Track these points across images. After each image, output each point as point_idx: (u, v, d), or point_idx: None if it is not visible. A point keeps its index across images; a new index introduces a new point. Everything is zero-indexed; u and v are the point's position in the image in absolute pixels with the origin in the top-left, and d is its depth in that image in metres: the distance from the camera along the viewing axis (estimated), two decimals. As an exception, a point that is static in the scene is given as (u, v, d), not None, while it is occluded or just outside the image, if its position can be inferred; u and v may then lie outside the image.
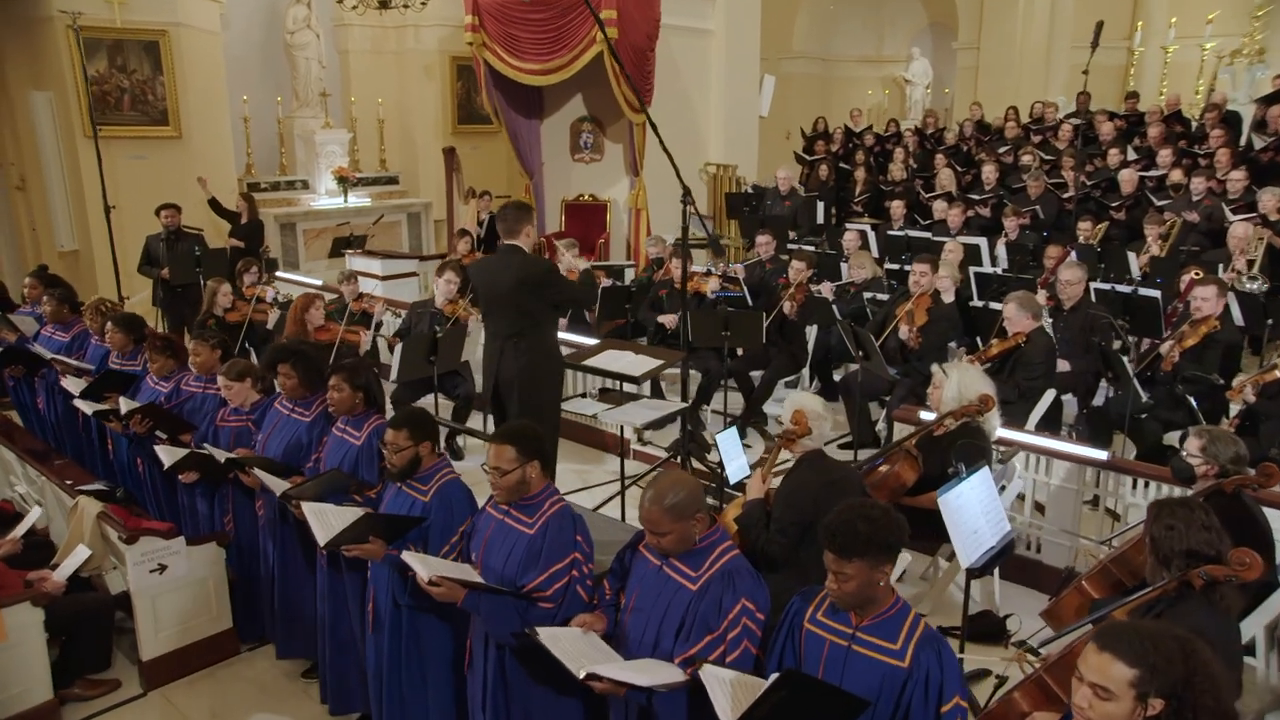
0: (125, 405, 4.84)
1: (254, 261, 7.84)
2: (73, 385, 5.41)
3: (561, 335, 5.74)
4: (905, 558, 3.61)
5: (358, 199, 12.71)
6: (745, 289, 7.09)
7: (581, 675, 2.59)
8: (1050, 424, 6.02)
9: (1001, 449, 4.27)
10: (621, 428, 5.26)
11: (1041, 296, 6.58)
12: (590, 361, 4.94)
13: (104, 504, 4.56)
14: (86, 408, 5.15)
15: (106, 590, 4.69)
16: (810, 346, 7.04)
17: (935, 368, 4.52)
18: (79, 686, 4.25)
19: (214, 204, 9.89)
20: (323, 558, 3.87)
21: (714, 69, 11.88)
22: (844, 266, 7.86)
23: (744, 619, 2.66)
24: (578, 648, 2.76)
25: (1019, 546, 4.94)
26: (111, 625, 4.48)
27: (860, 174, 11.61)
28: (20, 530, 4.65)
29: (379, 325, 7.18)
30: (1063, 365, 6.01)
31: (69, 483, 4.85)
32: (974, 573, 3.57)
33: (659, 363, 4.73)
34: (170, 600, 4.37)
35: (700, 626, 2.68)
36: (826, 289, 7.28)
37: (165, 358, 5.19)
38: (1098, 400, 6.20)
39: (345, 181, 12.49)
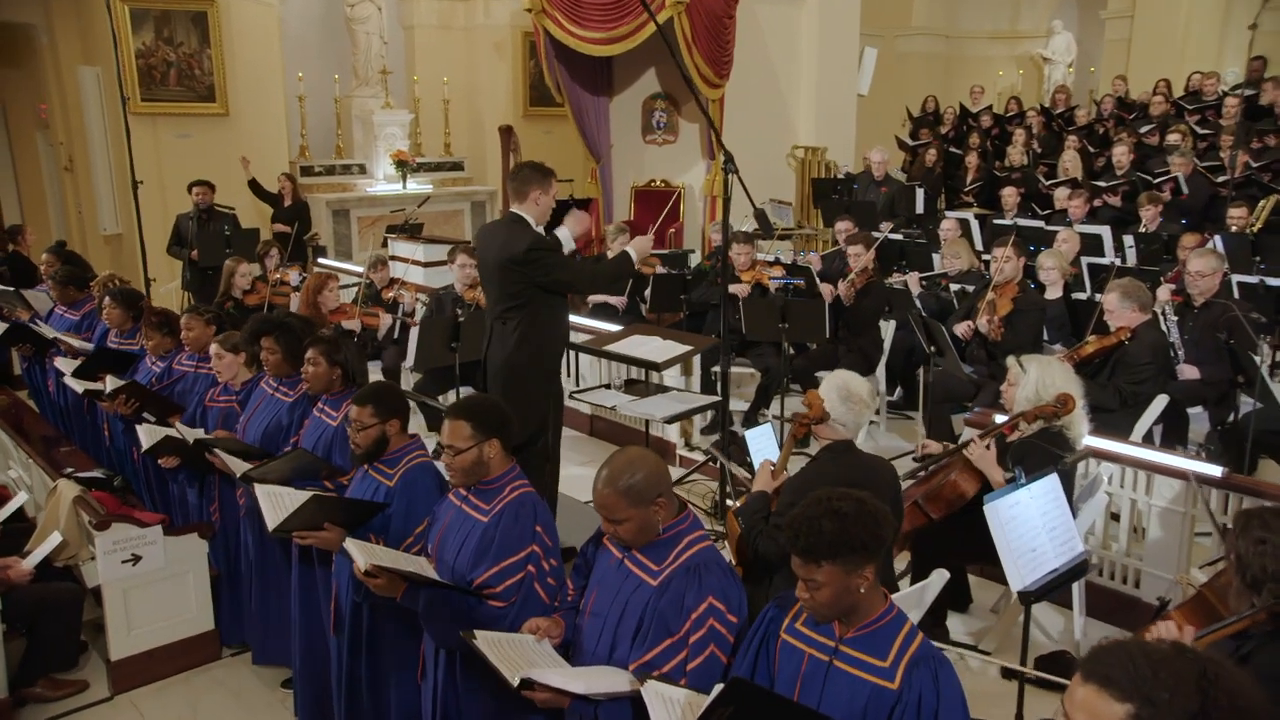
0: (111, 384, 4.93)
1: (274, 244, 8.01)
2: (64, 364, 5.57)
3: (587, 322, 5.60)
4: (943, 573, 3.34)
5: (418, 185, 12.82)
6: (817, 280, 6.85)
7: (515, 682, 2.46)
8: (1175, 441, 5.59)
9: (1068, 455, 3.96)
10: (647, 423, 5.11)
11: (1165, 291, 6.14)
12: (611, 347, 4.80)
13: (85, 489, 4.57)
14: (77, 385, 5.29)
15: (83, 582, 4.75)
16: (887, 345, 6.72)
17: (1011, 361, 4.23)
18: (41, 685, 4.25)
19: (254, 186, 10.15)
20: (296, 550, 3.83)
21: (805, 41, 11.56)
22: (936, 258, 7.53)
23: (710, 620, 2.49)
24: (525, 656, 2.63)
25: (1111, 578, 4.60)
26: (80, 620, 4.49)
27: (973, 159, 11.13)
28: (1, 515, 4.77)
29: (411, 312, 7.22)
30: (1190, 372, 5.59)
31: (69, 470, 4.88)
32: (1028, 598, 3.28)
33: (686, 349, 4.55)
34: (144, 595, 4.37)
35: (659, 628, 2.52)
36: (913, 281, 6.97)
37: (162, 335, 5.26)
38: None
39: (404, 166, 12.64)
